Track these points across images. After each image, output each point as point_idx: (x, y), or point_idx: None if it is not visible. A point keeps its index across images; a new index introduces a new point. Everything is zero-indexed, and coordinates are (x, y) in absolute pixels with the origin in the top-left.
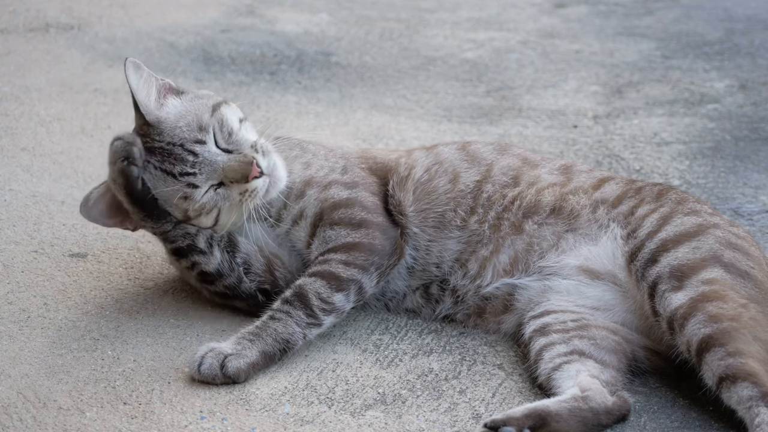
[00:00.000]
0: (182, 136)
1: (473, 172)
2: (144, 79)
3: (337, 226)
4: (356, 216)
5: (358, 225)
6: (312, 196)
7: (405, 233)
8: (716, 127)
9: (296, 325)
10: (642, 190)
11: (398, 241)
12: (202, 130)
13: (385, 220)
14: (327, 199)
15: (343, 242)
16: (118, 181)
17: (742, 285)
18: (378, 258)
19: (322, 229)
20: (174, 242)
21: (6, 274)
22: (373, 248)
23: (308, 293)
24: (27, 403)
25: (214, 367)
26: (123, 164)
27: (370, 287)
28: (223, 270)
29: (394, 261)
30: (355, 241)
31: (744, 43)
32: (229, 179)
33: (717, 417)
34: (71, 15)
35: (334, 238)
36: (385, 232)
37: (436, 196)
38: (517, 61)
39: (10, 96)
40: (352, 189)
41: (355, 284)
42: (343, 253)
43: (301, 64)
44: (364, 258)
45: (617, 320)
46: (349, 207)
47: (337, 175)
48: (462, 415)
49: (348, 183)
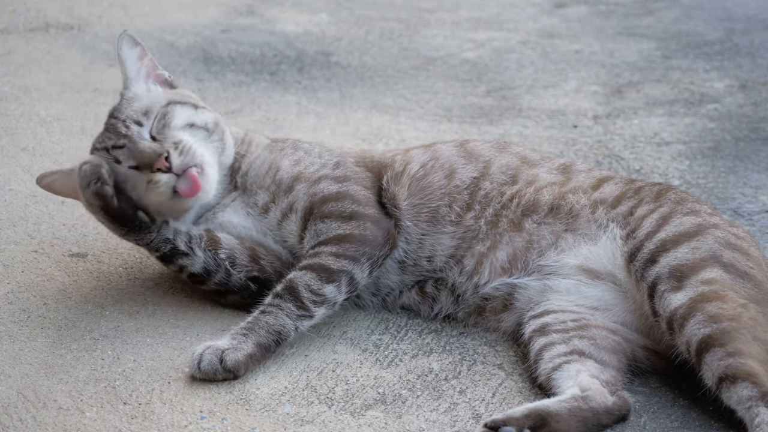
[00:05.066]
0: (128, 114)
1: (470, 168)
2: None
3: (327, 219)
4: (347, 209)
5: (348, 217)
6: (301, 191)
7: (398, 226)
8: (716, 127)
9: (287, 318)
10: (641, 190)
11: (391, 232)
12: (146, 114)
13: (377, 211)
14: (316, 193)
15: (333, 234)
16: (94, 203)
17: (742, 285)
18: (369, 248)
19: (313, 223)
20: (158, 250)
21: (6, 274)
22: (364, 239)
23: (298, 286)
24: (27, 403)
25: (213, 362)
26: (97, 186)
27: (362, 278)
28: (209, 267)
29: (387, 251)
30: (346, 233)
31: (744, 43)
32: (137, 161)
33: (717, 417)
34: (71, 15)
35: (325, 230)
36: (377, 223)
37: (431, 191)
38: (517, 61)
39: (10, 96)
40: (342, 183)
41: (346, 275)
42: (333, 245)
43: (301, 64)
44: (355, 249)
45: (617, 320)
46: (339, 200)
47: (327, 170)
48: (462, 415)
49: (338, 177)
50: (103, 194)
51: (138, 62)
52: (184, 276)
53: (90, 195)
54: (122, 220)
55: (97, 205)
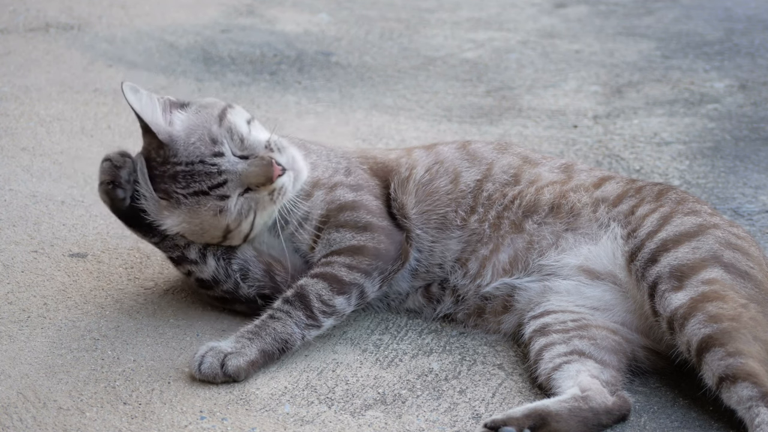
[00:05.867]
0: (199, 152)
1: (474, 171)
2: (145, 99)
3: (342, 229)
4: (362, 219)
5: (363, 228)
6: (319, 198)
7: (409, 237)
8: (716, 127)
9: (295, 326)
10: (642, 190)
11: (403, 246)
12: (215, 142)
13: (390, 224)
14: (333, 201)
15: (348, 245)
16: (104, 200)
17: (742, 285)
18: (382, 263)
19: (327, 232)
20: (165, 252)
21: (6, 274)
22: (378, 252)
23: (309, 294)
24: (27, 403)
25: (214, 366)
26: (108, 187)
27: (372, 292)
28: (218, 277)
29: (398, 266)
30: (360, 245)
31: (744, 43)
32: (254, 184)
33: (717, 417)
34: (71, 15)
35: (339, 240)
36: (390, 236)
37: (438, 197)
38: (517, 61)
39: (10, 96)
40: (357, 192)
41: (357, 288)
42: (347, 256)
43: (301, 64)
44: (368, 262)
45: (617, 320)
46: (354, 210)
47: (341, 176)
48: (462, 415)
49: (353, 185)
50: (113, 196)
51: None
52: (192, 280)
53: (101, 192)
54: (128, 221)
55: (107, 202)
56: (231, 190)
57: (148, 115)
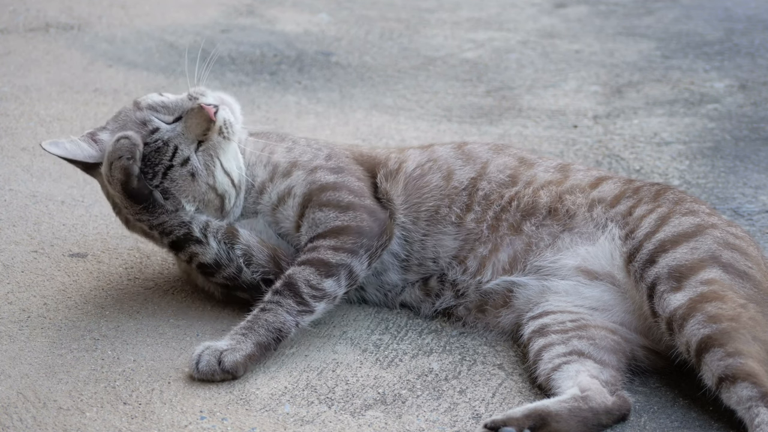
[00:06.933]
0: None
1: (468, 169)
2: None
3: (325, 208)
4: (344, 199)
5: (345, 208)
6: (300, 177)
7: (393, 218)
8: (716, 127)
9: (287, 314)
10: (640, 190)
11: (387, 223)
12: (145, 123)
13: (373, 203)
14: (315, 181)
15: (331, 226)
16: (116, 176)
17: (741, 285)
18: (367, 240)
19: (311, 211)
20: (171, 233)
21: (6, 274)
22: (362, 230)
23: (297, 281)
24: (27, 403)
25: (211, 363)
26: (128, 162)
27: (361, 270)
28: (221, 260)
29: (384, 241)
30: (344, 225)
31: (744, 43)
32: (200, 134)
33: (717, 417)
34: (71, 15)
35: (323, 220)
36: (373, 214)
37: (428, 191)
38: (517, 61)
39: (10, 96)
40: (338, 174)
41: (345, 268)
42: (331, 238)
43: (301, 64)
44: (353, 241)
45: (616, 320)
46: (336, 190)
47: (321, 161)
48: (462, 415)
49: (333, 168)
50: (130, 171)
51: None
52: (194, 265)
53: (117, 168)
54: (138, 198)
55: (119, 179)
56: (187, 151)
57: (80, 154)
